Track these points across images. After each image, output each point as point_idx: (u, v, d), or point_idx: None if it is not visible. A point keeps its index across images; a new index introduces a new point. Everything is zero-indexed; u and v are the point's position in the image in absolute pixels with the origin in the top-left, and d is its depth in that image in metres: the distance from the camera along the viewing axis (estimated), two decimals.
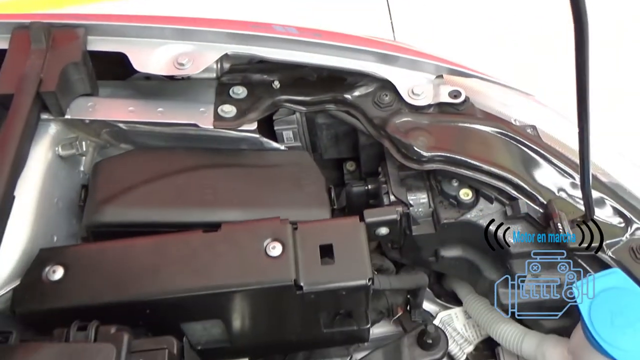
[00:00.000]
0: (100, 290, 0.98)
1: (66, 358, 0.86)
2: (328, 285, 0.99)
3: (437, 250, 1.24)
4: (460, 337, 1.37)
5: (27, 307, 0.97)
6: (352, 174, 1.45)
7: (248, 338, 1.15)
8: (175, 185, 1.15)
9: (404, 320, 1.33)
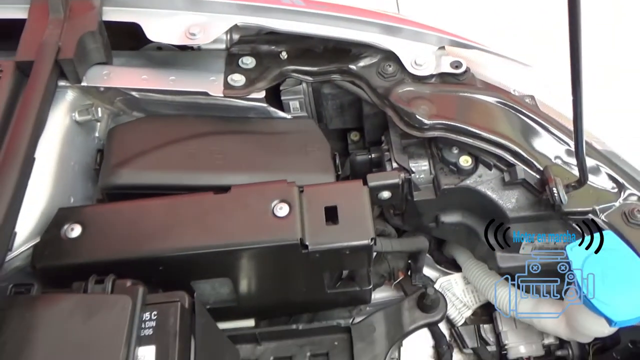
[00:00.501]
0: (116, 247, 1.03)
1: (85, 308, 0.92)
2: (332, 245, 1.04)
3: (437, 216, 1.29)
4: (459, 302, 1.42)
5: (47, 262, 1.02)
6: (356, 144, 1.49)
7: (254, 299, 1.21)
8: (186, 150, 1.21)
9: (405, 284, 1.39)
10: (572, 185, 1.10)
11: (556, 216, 1.17)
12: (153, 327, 0.93)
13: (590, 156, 1.18)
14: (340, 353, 1.27)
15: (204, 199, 1.07)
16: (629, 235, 1.09)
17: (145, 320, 0.93)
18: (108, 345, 0.88)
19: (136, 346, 0.90)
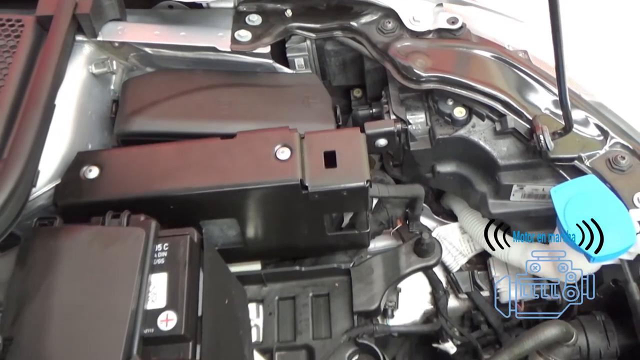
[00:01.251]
0: (130, 187, 1.12)
1: (102, 238, 1.01)
2: (330, 186, 1.11)
3: (433, 166, 1.36)
4: (455, 250, 1.49)
5: (68, 200, 1.11)
6: (358, 100, 1.56)
7: (260, 241, 1.29)
8: (196, 101, 1.28)
9: (402, 232, 1.46)
10: (559, 133, 1.17)
11: (544, 163, 1.23)
12: (165, 257, 1.02)
13: (579, 107, 1.24)
14: (340, 294, 1.35)
15: (211, 143, 1.15)
16: (611, 180, 1.16)
17: (158, 251, 1.02)
18: (124, 272, 0.97)
19: (149, 273, 0.99)
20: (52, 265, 0.98)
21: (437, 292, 1.46)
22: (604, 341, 1.20)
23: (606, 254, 1.08)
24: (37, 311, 0.93)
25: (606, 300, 1.24)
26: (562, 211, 1.11)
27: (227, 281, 1.18)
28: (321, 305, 1.35)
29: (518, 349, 1.16)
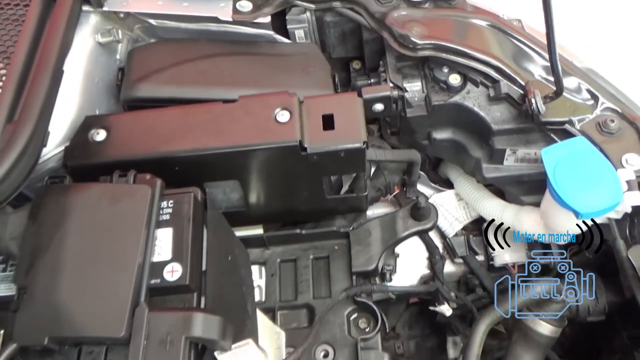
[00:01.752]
0: (136, 148, 1.17)
1: (110, 195, 1.05)
2: (328, 147, 1.16)
3: (429, 133, 1.40)
4: (451, 216, 1.54)
5: (76, 161, 1.16)
6: (357, 72, 1.60)
7: (262, 205, 1.33)
8: (199, 68, 1.33)
9: (400, 197, 1.51)
10: (550, 97, 1.21)
11: (536, 128, 1.27)
12: (170, 213, 1.07)
13: (571, 74, 1.28)
14: (339, 256, 1.40)
15: (214, 107, 1.20)
16: (600, 142, 1.20)
17: (163, 207, 1.07)
18: (131, 227, 1.02)
19: (155, 228, 1.04)
20: (62, 219, 1.02)
21: (434, 257, 1.51)
22: (592, 298, 1.24)
23: (594, 211, 1.12)
24: (49, 262, 0.98)
25: (595, 259, 1.29)
26: (552, 171, 1.15)
27: (229, 240, 1.22)
28: (321, 267, 1.40)
29: (509, 304, 1.21)
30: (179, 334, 0.93)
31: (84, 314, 0.94)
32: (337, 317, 1.33)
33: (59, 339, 0.93)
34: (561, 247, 1.40)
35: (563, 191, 1.13)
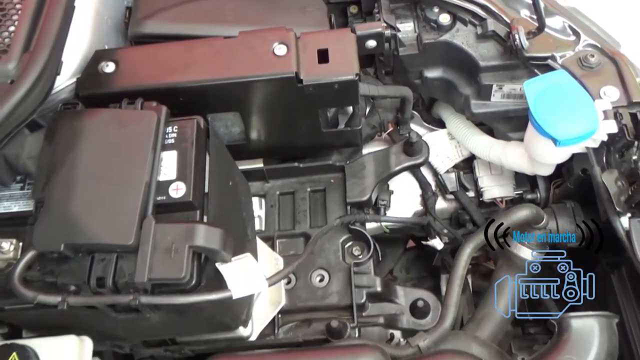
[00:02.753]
0: (143, 79, 1.25)
1: (119, 119, 1.14)
2: (323, 80, 1.23)
3: (421, 72, 1.47)
4: (443, 154, 1.61)
5: (88, 91, 1.24)
6: (354, 16, 1.66)
7: (262, 139, 1.42)
8: (202, 8, 1.41)
9: (393, 135, 1.58)
10: (533, 32, 1.27)
11: (521, 65, 1.34)
12: (174, 138, 1.15)
13: (554, 12, 1.34)
14: (335, 189, 1.49)
15: (215, 42, 1.27)
16: (580, 76, 1.27)
17: (168, 132, 1.15)
18: (138, 149, 1.10)
19: (161, 151, 1.12)
20: (75, 141, 1.11)
21: (426, 193, 1.58)
22: (572, 225, 1.31)
23: (571, 138, 1.19)
24: (63, 178, 1.07)
25: (576, 189, 1.36)
26: (533, 101, 1.22)
27: (230, 168, 1.31)
28: (318, 199, 1.49)
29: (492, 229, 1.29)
30: (183, 243, 1.02)
31: (97, 224, 1.03)
32: (332, 245, 1.42)
33: (73, 246, 1.02)
34: (545, 180, 1.48)
35: (542, 120, 1.20)
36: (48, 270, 1.05)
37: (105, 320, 1.16)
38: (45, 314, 1.12)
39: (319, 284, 1.38)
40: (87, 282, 1.03)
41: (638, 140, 1.19)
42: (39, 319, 1.15)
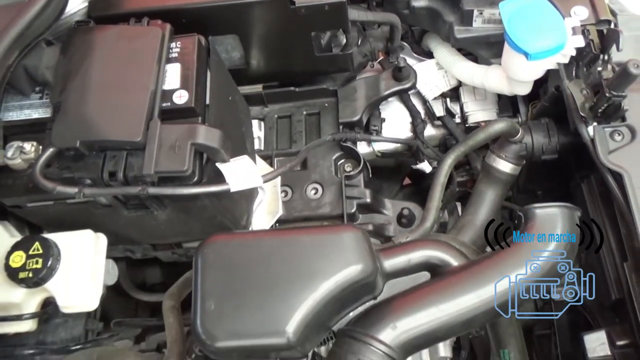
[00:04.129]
0: (149, 1, 1.36)
1: (127, 34, 1.25)
2: (314, 1, 1.34)
3: (409, 1, 1.57)
4: (432, 83, 1.71)
5: (99, 12, 1.36)
6: None
7: (260, 65, 1.53)
8: None
9: (384, 63, 1.68)
10: None
11: None
12: (177, 52, 1.26)
13: None
14: (329, 112, 1.60)
15: None
16: None
17: (172, 47, 1.27)
18: (145, 61, 1.21)
19: (165, 63, 1.24)
20: (88, 53, 1.23)
21: (416, 120, 1.69)
22: (545, 138, 1.42)
23: (542, 52, 1.29)
24: (78, 85, 1.19)
25: (551, 107, 1.46)
26: (508, 21, 1.32)
27: (230, 86, 1.43)
28: (313, 121, 1.61)
29: (472, 140, 1.39)
30: (186, 141, 1.14)
31: (108, 123, 1.15)
32: (325, 162, 1.54)
33: (88, 143, 1.15)
34: (525, 104, 1.58)
35: (515, 36, 1.30)
36: (65, 166, 1.18)
37: (118, 220, 1.30)
38: (64, 211, 1.26)
39: (313, 196, 1.50)
40: (101, 176, 1.15)
41: (603, 53, 1.29)
42: (57, 217, 1.28)
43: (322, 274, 1.03)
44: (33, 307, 1.25)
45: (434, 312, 1.10)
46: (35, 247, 1.20)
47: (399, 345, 1.08)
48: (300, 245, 1.06)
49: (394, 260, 1.17)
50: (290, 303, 1.01)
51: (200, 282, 1.03)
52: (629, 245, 1.21)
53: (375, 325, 1.09)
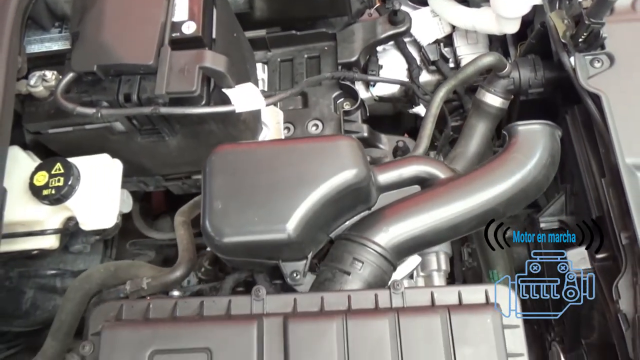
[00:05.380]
0: None
1: None
2: None
3: None
4: (426, 29, 1.79)
5: None
6: None
7: (263, 9, 1.63)
8: None
9: (380, 9, 1.78)
10: None
11: None
12: None
13: None
14: (328, 55, 1.70)
15: None
16: None
17: None
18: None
19: None
20: None
21: (411, 65, 1.78)
22: (532, 73, 1.50)
23: None
24: (94, 16, 1.30)
25: (537, 44, 1.54)
26: None
27: (235, 25, 1.52)
28: (313, 64, 1.71)
29: (462, 74, 1.48)
30: (194, 64, 1.25)
31: (123, 49, 1.25)
32: (325, 100, 1.64)
33: (104, 67, 1.25)
34: (513, 42, 1.67)
35: None
36: (84, 90, 1.28)
37: (132, 146, 1.40)
38: (82, 138, 1.36)
39: (314, 132, 1.60)
40: (117, 98, 1.25)
41: None
42: (76, 143, 1.38)
43: (320, 177, 1.12)
44: (56, 225, 1.35)
45: (423, 217, 1.20)
46: (57, 168, 1.31)
47: (391, 246, 1.18)
48: (300, 152, 1.16)
49: (387, 175, 1.26)
50: (291, 203, 1.10)
51: (209, 185, 1.13)
52: (607, 162, 1.29)
53: (370, 229, 1.19)
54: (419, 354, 0.99)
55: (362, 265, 1.14)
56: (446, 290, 1.08)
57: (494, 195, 1.22)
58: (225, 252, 1.13)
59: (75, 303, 1.32)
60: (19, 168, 1.34)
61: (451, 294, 1.07)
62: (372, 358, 0.99)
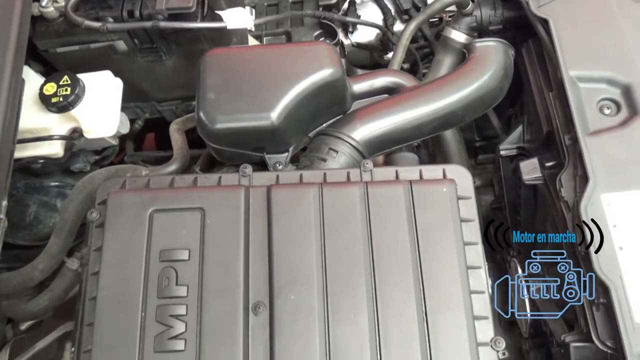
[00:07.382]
0: None
1: None
2: None
3: None
4: None
5: None
6: None
7: None
8: None
9: None
10: None
11: None
12: None
13: None
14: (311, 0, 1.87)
15: None
16: None
17: None
18: None
19: None
20: None
21: (387, 15, 1.95)
22: (492, 10, 1.67)
23: None
24: None
25: None
26: None
27: None
28: (297, 8, 1.87)
29: (429, 10, 1.66)
30: None
31: None
32: (307, 38, 1.82)
33: None
34: None
35: None
36: (91, 8, 1.43)
37: (133, 67, 1.55)
38: (87, 56, 1.51)
39: None
40: (121, 14, 1.41)
41: None
42: (81, 61, 1.53)
43: (301, 74, 1.28)
44: (62, 133, 1.49)
45: (392, 118, 1.36)
46: (64, 79, 1.45)
47: (364, 141, 1.34)
48: (284, 54, 1.32)
49: (360, 85, 1.43)
50: (275, 95, 1.26)
51: (202, 80, 1.28)
52: (554, 79, 1.45)
53: (345, 126, 1.35)
54: (385, 217, 1.15)
55: (337, 154, 1.30)
56: (409, 170, 1.23)
57: (454, 100, 1.38)
58: (216, 140, 1.28)
59: (78, 202, 1.46)
60: (29, 82, 1.47)
61: (413, 172, 1.22)
62: (344, 220, 1.15)
